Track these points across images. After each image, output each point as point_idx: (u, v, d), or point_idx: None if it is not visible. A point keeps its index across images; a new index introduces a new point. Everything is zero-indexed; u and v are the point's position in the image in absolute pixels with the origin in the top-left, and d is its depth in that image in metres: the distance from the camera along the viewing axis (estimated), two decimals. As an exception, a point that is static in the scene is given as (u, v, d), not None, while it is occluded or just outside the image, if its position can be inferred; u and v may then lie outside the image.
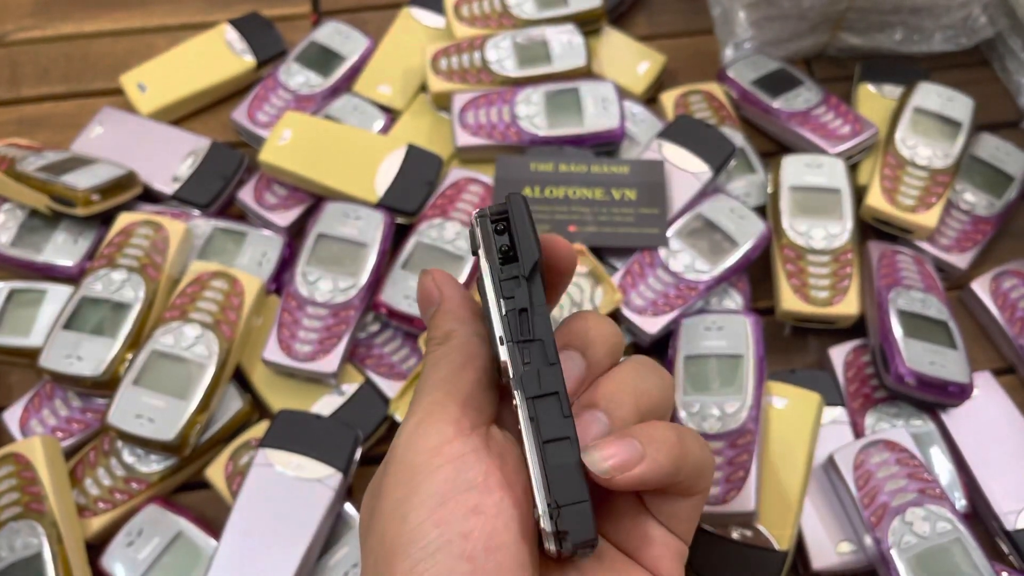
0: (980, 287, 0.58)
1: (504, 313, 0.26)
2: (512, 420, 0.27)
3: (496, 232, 0.27)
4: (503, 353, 0.26)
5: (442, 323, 0.29)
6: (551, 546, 0.25)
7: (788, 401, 0.51)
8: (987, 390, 0.54)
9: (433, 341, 0.29)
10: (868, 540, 0.47)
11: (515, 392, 0.26)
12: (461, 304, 0.29)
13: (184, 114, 0.69)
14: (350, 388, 0.54)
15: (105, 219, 0.59)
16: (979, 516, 0.51)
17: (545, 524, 0.25)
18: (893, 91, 0.67)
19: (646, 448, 0.25)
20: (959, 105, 0.63)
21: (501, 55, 0.66)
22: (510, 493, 0.25)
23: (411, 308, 0.54)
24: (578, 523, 0.24)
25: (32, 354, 0.53)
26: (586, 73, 0.66)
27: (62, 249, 0.59)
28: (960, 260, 0.60)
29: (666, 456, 0.25)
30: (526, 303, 0.26)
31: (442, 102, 0.66)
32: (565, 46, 0.66)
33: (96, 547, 0.49)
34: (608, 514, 0.28)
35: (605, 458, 0.25)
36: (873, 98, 0.67)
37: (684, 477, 0.26)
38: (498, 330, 0.26)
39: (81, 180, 0.57)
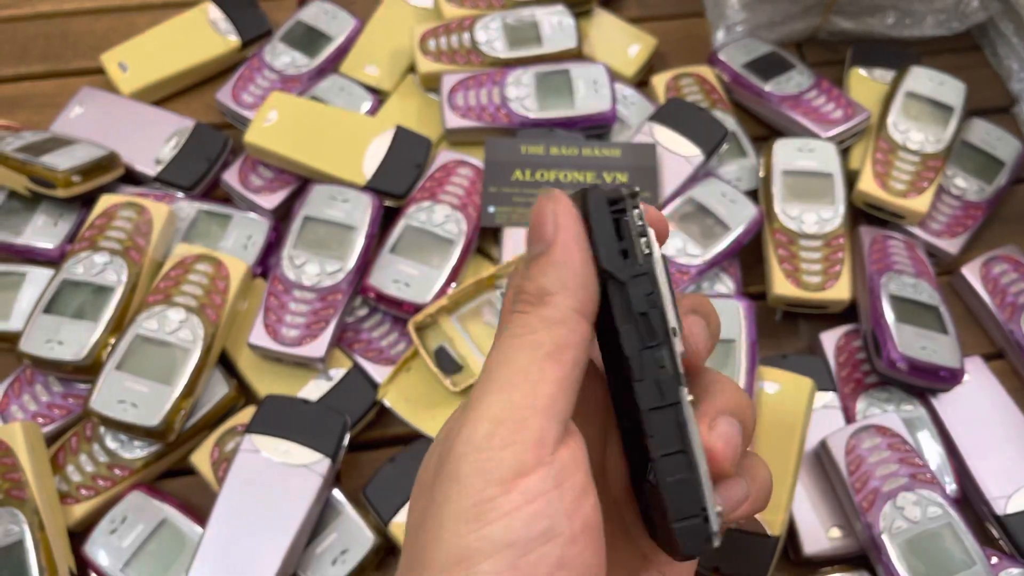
0: (971, 272, 0.58)
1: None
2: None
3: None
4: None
5: (542, 275, 0.22)
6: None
7: (780, 386, 0.51)
8: (977, 375, 0.54)
9: (523, 298, 0.23)
10: (859, 525, 0.47)
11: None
12: (577, 255, 0.22)
13: (167, 94, 0.67)
14: (338, 373, 0.53)
15: (86, 201, 0.58)
16: (969, 501, 0.51)
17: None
18: (884, 75, 0.67)
19: (751, 487, 0.24)
20: (951, 90, 0.63)
21: (491, 36, 0.65)
22: (591, 540, 0.22)
23: (400, 292, 0.54)
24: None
25: (12, 338, 0.52)
26: (577, 55, 0.65)
27: (42, 231, 0.57)
28: (951, 245, 0.60)
29: (765, 498, 0.25)
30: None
31: (431, 83, 0.65)
32: (556, 27, 0.65)
33: (79, 535, 0.48)
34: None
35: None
36: (864, 82, 0.67)
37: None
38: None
39: (61, 161, 0.56)
